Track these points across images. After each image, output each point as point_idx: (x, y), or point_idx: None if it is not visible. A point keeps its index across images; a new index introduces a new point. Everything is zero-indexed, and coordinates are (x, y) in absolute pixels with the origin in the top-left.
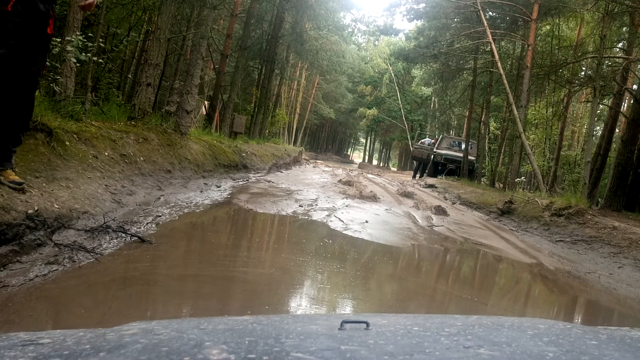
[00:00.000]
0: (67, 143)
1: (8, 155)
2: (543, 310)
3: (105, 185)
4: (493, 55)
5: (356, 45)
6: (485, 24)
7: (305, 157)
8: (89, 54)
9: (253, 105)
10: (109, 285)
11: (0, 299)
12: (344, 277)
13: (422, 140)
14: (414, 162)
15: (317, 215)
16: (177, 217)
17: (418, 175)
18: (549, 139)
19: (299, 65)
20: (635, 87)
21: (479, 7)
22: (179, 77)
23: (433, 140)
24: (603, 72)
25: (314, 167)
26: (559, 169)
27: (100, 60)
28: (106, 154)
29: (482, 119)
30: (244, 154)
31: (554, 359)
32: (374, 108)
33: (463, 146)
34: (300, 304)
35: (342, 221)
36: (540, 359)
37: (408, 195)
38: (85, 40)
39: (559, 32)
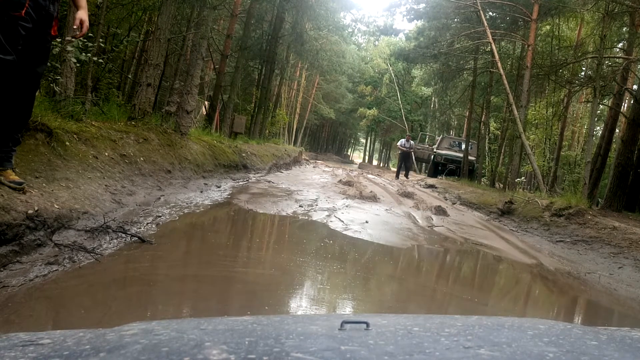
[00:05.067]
0: (67, 143)
1: (8, 155)
2: (543, 311)
3: (106, 186)
4: (493, 56)
5: (356, 46)
6: (485, 24)
7: (305, 157)
8: (89, 54)
9: (253, 105)
10: (109, 285)
11: (0, 299)
12: (344, 277)
13: (401, 141)
14: (400, 161)
15: (317, 216)
16: (177, 218)
17: (402, 176)
18: (549, 139)
19: (299, 65)
20: (635, 87)
21: (479, 7)
22: (179, 77)
23: (405, 139)
24: (603, 72)
25: (314, 167)
26: (559, 169)
27: (101, 61)
28: (106, 154)
29: (482, 119)
30: (244, 154)
31: (554, 359)
32: (374, 108)
33: (463, 146)
34: (301, 304)
35: (342, 221)
36: (540, 359)
37: (408, 195)
38: (85, 40)
39: (559, 32)
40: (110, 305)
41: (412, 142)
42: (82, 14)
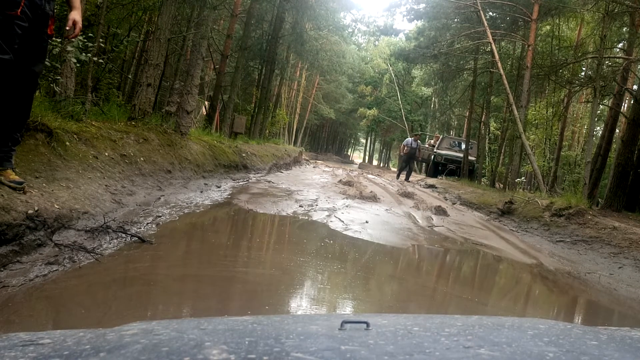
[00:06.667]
0: (67, 143)
1: (8, 155)
2: (543, 311)
3: (106, 186)
4: (493, 56)
5: (356, 46)
6: (486, 24)
7: (305, 158)
8: (89, 54)
9: (253, 105)
10: (109, 285)
11: (0, 299)
12: (344, 277)
13: (408, 140)
14: (403, 162)
15: (318, 216)
16: (177, 218)
17: (403, 177)
18: (549, 139)
19: (299, 65)
20: (635, 87)
21: (479, 8)
22: (179, 77)
23: (412, 139)
24: (603, 72)
25: (314, 167)
26: (559, 169)
27: (101, 61)
28: (106, 154)
29: (482, 119)
30: (244, 154)
31: (554, 359)
32: (374, 108)
33: (463, 146)
34: (301, 304)
35: (343, 221)
36: (540, 359)
37: (408, 195)
38: (85, 40)
39: (559, 32)
40: (110, 305)
41: (419, 142)
42: (75, 15)
